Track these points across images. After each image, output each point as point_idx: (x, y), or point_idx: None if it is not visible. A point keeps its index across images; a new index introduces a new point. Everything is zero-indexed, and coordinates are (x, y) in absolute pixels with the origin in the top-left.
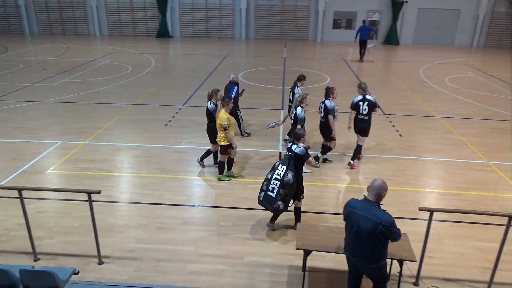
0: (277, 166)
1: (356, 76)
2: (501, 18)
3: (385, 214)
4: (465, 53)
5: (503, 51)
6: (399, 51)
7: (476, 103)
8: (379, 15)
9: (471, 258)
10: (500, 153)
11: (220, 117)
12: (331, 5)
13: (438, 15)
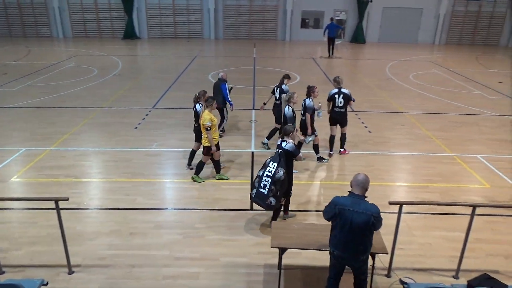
0: (268, 163)
1: (325, 74)
2: (460, 17)
3: (373, 206)
4: (428, 50)
5: (463, 48)
6: (365, 49)
7: (439, 98)
8: (345, 14)
9: (439, 248)
10: (463, 146)
11: (203, 117)
12: (299, 4)
13: (402, 13)
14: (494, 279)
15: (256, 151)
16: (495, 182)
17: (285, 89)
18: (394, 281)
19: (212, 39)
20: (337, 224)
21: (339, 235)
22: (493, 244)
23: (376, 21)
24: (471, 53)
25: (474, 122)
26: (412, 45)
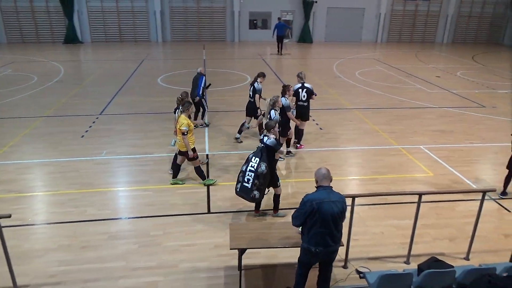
0: (250, 158)
1: (276, 74)
2: (399, 16)
3: (340, 193)
4: (371, 48)
5: (403, 45)
6: (313, 48)
7: (384, 94)
8: (292, 14)
9: (391, 236)
10: (407, 138)
11: (179, 122)
12: (246, 6)
13: (345, 13)
14: (441, 261)
15: (211, 153)
16: (437, 170)
17: (257, 87)
18: (351, 271)
19: (159, 42)
20: (316, 221)
21: (322, 230)
22: (438, 228)
23: (321, 21)
24: (411, 50)
25: (416, 115)
26: (356, 43)
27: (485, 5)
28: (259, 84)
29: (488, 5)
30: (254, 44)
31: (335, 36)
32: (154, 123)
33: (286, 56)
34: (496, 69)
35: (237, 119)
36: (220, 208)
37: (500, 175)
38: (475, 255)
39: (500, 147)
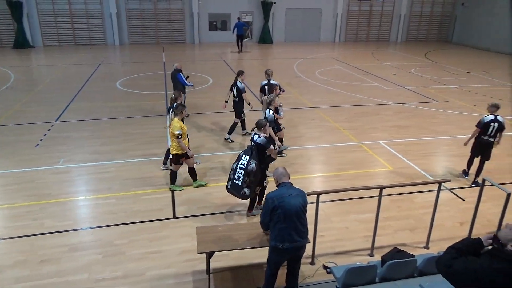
0: (241, 156)
1: None
2: (355, 16)
3: (299, 188)
4: (330, 48)
5: (360, 44)
6: (273, 49)
7: (343, 92)
8: (251, 15)
9: (355, 230)
10: (367, 134)
11: (172, 125)
12: (205, 7)
13: (304, 14)
14: (403, 251)
15: None
16: (396, 163)
17: (241, 87)
18: (318, 267)
19: (117, 45)
20: (280, 217)
21: (286, 225)
22: (399, 220)
23: (281, 21)
24: (367, 49)
25: (374, 112)
26: (315, 43)
27: (434, 4)
28: (241, 83)
29: (437, 4)
30: (215, 45)
31: (295, 37)
32: (114, 129)
33: (247, 57)
34: (446, 65)
35: (201, 122)
36: (186, 212)
37: (454, 166)
38: (434, 243)
39: (453, 139)
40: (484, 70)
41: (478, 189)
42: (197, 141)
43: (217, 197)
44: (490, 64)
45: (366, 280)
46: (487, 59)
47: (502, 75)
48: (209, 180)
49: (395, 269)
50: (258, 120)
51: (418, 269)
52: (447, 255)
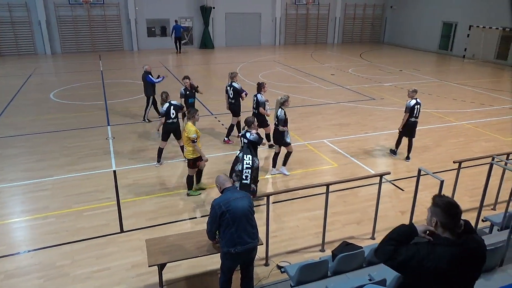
0: (242, 157)
1: (180, 82)
2: (293, 19)
3: (242, 191)
4: (271, 51)
5: (299, 47)
6: (215, 54)
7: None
8: (190, 21)
9: (306, 228)
10: (312, 134)
11: (187, 130)
12: (142, 13)
13: (243, 18)
14: (352, 244)
15: (118, 169)
16: (340, 160)
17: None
18: (272, 268)
19: (48, 55)
20: (228, 222)
21: (235, 230)
22: (346, 214)
23: (221, 26)
24: (307, 51)
25: (317, 111)
26: (256, 47)
27: (366, 7)
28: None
29: (368, 7)
30: (155, 52)
31: (236, 41)
32: (51, 143)
33: (190, 62)
34: (380, 64)
35: (144, 131)
36: (135, 225)
37: (393, 160)
38: (379, 233)
39: (390, 134)
40: (414, 67)
41: (415, 179)
42: (139, 153)
43: (167, 207)
44: (419, 62)
45: (319, 275)
46: (416, 57)
47: (430, 72)
48: (156, 190)
49: (345, 262)
50: (246, 118)
51: (366, 259)
52: (387, 246)
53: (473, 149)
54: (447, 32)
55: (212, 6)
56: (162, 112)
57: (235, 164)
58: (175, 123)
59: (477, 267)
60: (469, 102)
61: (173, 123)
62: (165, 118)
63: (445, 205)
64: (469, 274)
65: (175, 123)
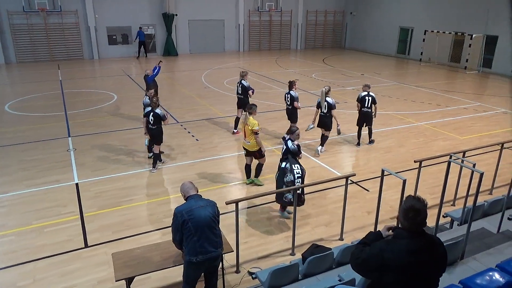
0: (290, 167)
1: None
2: (256, 26)
3: (209, 199)
4: (235, 58)
5: (264, 53)
6: (179, 61)
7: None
8: (153, 28)
9: (276, 232)
10: (279, 139)
11: (250, 123)
12: (102, 21)
13: (207, 25)
14: (321, 246)
15: (81, 181)
16: (308, 164)
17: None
18: (244, 274)
19: (1, 64)
20: (191, 230)
21: (198, 238)
22: (315, 217)
23: (184, 33)
24: (271, 57)
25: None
26: (221, 54)
27: (327, 13)
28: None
29: (329, 13)
30: (117, 60)
31: (200, 48)
32: (6, 158)
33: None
34: (342, 69)
35: (109, 141)
36: (100, 239)
37: (358, 161)
38: (347, 234)
39: (352, 136)
40: (374, 71)
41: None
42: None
43: (133, 218)
44: (379, 66)
45: (290, 279)
46: (376, 62)
47: (390, 75)
48: (121, 202)
49: (315, 264)
50: (291, 126)
51: (336, 260)
52: (356, 250)
53: (432, 148)
54: (404, 37)
55: (175, 14)
56: (144, 113)
57: (283, 175)
58: (154, 129)
59: (439, 262)
60: (427, 103)
61: (152, 129)
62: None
63: (406, 207)
64: (431, 269)
65: (154, 129)
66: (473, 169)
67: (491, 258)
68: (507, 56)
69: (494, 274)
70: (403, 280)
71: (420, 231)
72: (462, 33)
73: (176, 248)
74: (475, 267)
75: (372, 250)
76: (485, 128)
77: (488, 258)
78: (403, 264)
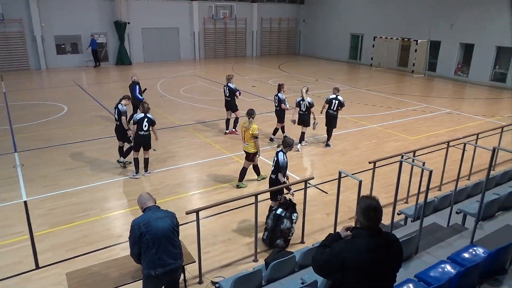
0: (290, 216)
1: (96, 100)
2: (212, 33)
3: (167, 210)
4: (191, 66)
5: (220, 60)
6: (133, 70)
7: (210, 107)
8: (104, 37)
9: (238, 240)
10: (237, 146)
11: (252, 127)
12: (50, 30)
13: (161, 33)
14: (283, 250)
15: (30, 199)
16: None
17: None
18: (207, 285)
19: None
20: (148, 243)
21: (156, 251)
22: None
23: (138, 42)
24: (227, 64)
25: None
26: (176, 62)
27: (281, 21)
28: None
29: (283, 21)
30: (66, 70)
31: (154, 56)
32: None
33: (107, 80)
34: (297, 75)
35: (60, 155)
36: (52, 259)
37: (316, 164)
38: (308, 237)
39: (311, 139)
40: (328, 76)
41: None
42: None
43: (88, 234)
44: (333, 71)
45: (254, 285)
46: (329, 67)
47: (343, 80)
48: (75, 218)
49: (278, 269)
50: (286, 138)
51: (298, 264)
52: (317, 252)
53: (385, 149)
54: (355, 43)
55: (127, 22)
56: (135, 120)
57: (277, 221)
58: (146, 135)
59: (396, 258)
60: (379, 106)
61: (144, 135)
62: (137, 128)
63: (364, 206)
64: (389, 266)
65: (146, 136)
66: (423, 168)
67: (442, 251)
68: (450, 60)
69: (446, 266)
70: (364, 278)
71: (377, 229)
72: (408, 39)
73: (132, 262)
74: (428, 261)
75: (332, 251)
76: (432, 128)
77: (440, 251)
78: (363, 262)
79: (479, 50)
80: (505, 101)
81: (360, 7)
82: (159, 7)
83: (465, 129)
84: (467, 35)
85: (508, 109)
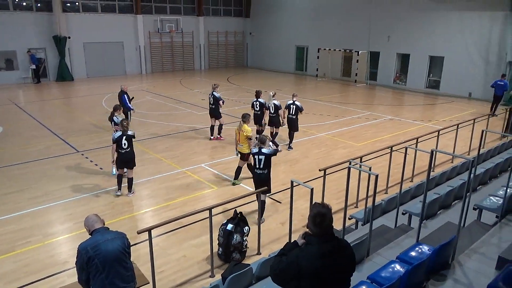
0: (242, 230)
1: (35, 119)
2: (158, 47)
3: (117, 231)
4: (138, 80)
5: (167, 74)
6: (75, 86)
7: (160, 122)
8: (42, 52)
9: (193, 256)
10: (189, 160)
11: (245, 129)
12: None
13: (104, 48)
14: (240, 263)
15: None
16: (220, 183)
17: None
18: None
19: None
20: (98, 268)
21: (106, 275)
22: None
23: (80, 57)
24: (175, 78)
25: (193, 137)
26: (122, 77)
27: (227, 34)
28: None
29: (230, 34)
30: (1, 88)
31: (99, 71)
32: None
33: (47, 97)
34: (247, 87)
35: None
36: None
37: None
38: (264, 247)
39: None
40: (277, 88)
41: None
42: None
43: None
44: (281, 83)
45: None
46: (277, 79)
47: (291, 90)
48: (15, 246)
49: (235, 283)
50: (260, 136)
51: (255, 275)
52: (274, 261)
53: (334, 157)
54: (300, 55)
55: (67, 36)
56: (113, 139)
57: (228, 237)
58: (127, 152)
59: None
60: (326, 115)
61: (126, 152)
62: (117, 146)
63: (313, 214)
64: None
65: (127, 153)
66: (369, 172)
67: (391, 252)
68: (389, 69)
69: (395, 266)
70: (318, 285)
71: (329, 235)
72: (350, 50)
73: None
74: (379, 262)
75: (289, 258)
76: (376, 134)
77: (389, 251)
78: (316, 269)
79: (414, 60)
80: (439, 106)
81: (303, 20)
82: (102, 20)
83: (406, 134)
84: (403, 45)
85: (442, 114)
